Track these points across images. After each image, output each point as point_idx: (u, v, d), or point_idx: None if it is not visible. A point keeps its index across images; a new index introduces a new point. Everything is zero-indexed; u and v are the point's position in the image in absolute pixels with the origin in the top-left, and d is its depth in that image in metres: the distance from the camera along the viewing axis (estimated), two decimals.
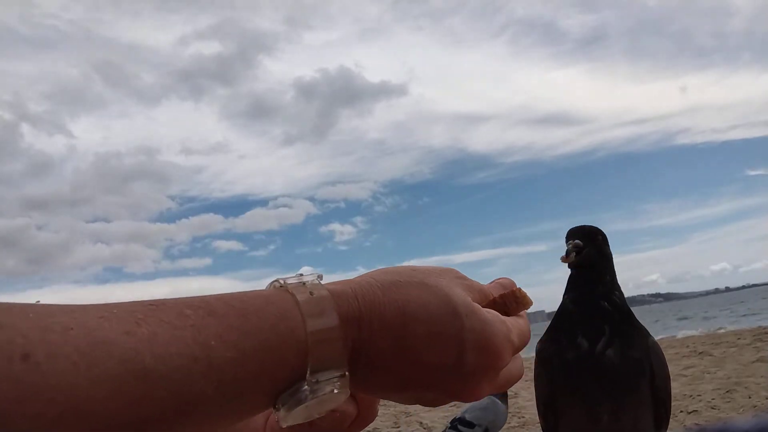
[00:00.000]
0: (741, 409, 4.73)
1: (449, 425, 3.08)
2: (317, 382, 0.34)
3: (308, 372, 0.34)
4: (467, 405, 3.89)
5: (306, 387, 0.34)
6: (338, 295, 0.36)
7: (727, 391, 5.44)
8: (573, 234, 1.28)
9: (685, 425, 4.50)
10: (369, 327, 0.36)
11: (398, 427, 6.76)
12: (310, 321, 0.34)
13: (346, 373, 0.35)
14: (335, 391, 0.35)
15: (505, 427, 5.74)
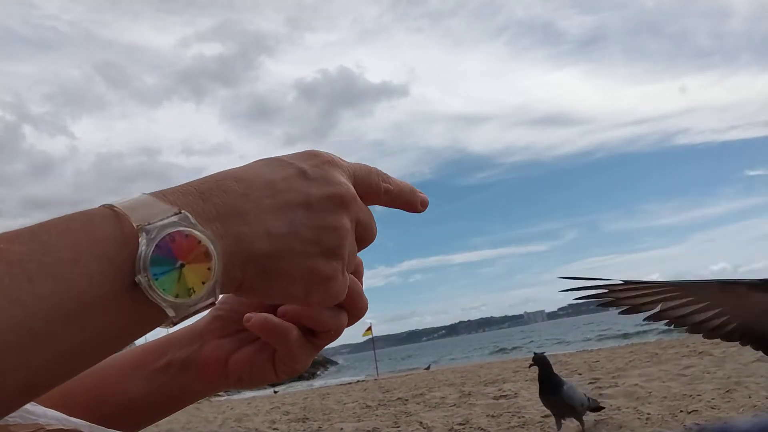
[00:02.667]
0: (741, 409, 4.73)
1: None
2: (149, 224, 0.32)
3: (134, 224, 0.32)
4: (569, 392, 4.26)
5: (143, 237, 0.32)
6: (151, 193, 0.36)
7: (727, 391, 5.44)
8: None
9: (685, 425, 4.50)
10: (198, 187, 0.36)
11: (398, 427, 6.77)
12: (113, 202, 0.34)
13: (183, 211, 0.34)
14: (181, 229, 0.33)
15: (505, 427, 5.75)
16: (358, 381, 20.73)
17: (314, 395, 14.37)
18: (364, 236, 0.43)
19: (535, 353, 5.13)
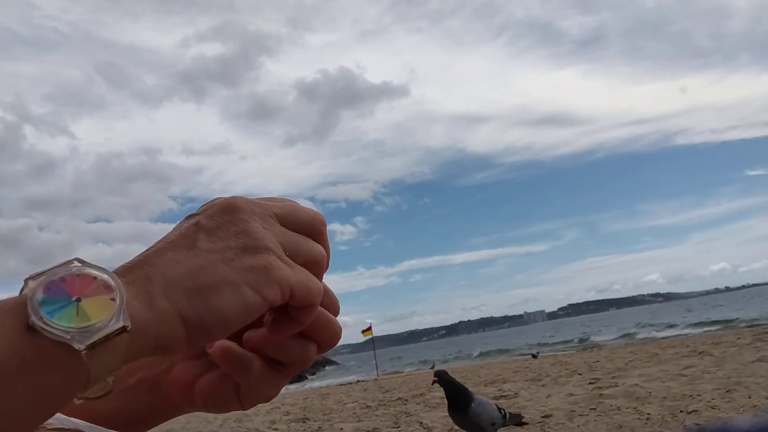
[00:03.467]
0: (741, 409, 4.73)
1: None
2: (39, 275, 0.32)
3: (28, 292, 0.32)
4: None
5: (31, 283, 0.32)
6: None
7: (727, 391, 5.44)
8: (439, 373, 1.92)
9: (685, 425, 4.50)
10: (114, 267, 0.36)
11: (398, 427, 6.77)
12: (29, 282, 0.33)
13: (74, 258, 0.34)
14: (72, 270, 0.33)
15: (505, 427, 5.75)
16: (358, 381, 20.72)
17: (314, 395, 14.37)
18: (295, 223, 0.41)
19: (436, 371, 4.61)
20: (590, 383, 7.62)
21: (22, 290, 0.33)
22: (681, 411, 4.98)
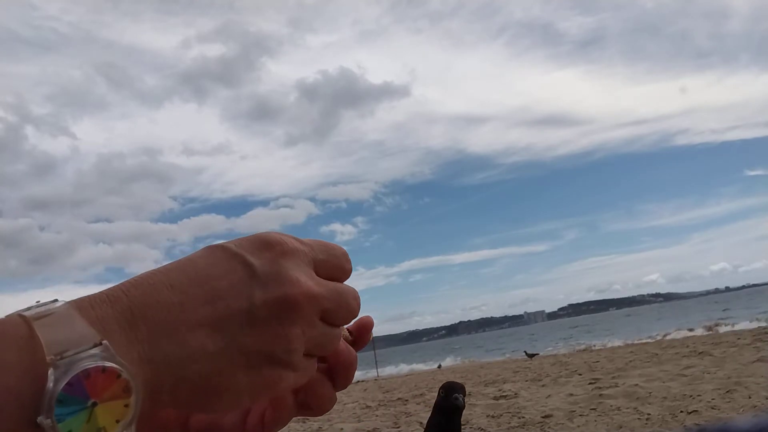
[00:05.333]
0: (741, 409, 4.73)
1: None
2: (62, 358, 0.30)
3: (46, 356, 0.29)
4: None
5: (51, 372, 0.29)
6: (77, 301, 0.33)
7: (727, 391, 5.45)
8: (457, 388, 1.94)
9: (685, 425, 4.50)
10: (129, 296, 0.33)
11: (398, 427, 6.78)
12: (32, 314, 0.31)
13: (104, 342, 0.31)
14: (99, 364, 0.30)
15: (505, 427, 5.75)
16: (358, 381, 20.75)
17: None
18: (336, 317, 0.39)
19: (448, 386, 2.58)
20: (590, 383, 7.62)
21: (31, 334, 0.30)
22: (681, 411, 4.98)
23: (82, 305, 0.32)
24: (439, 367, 23.07)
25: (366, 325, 0.43)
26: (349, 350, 0.42)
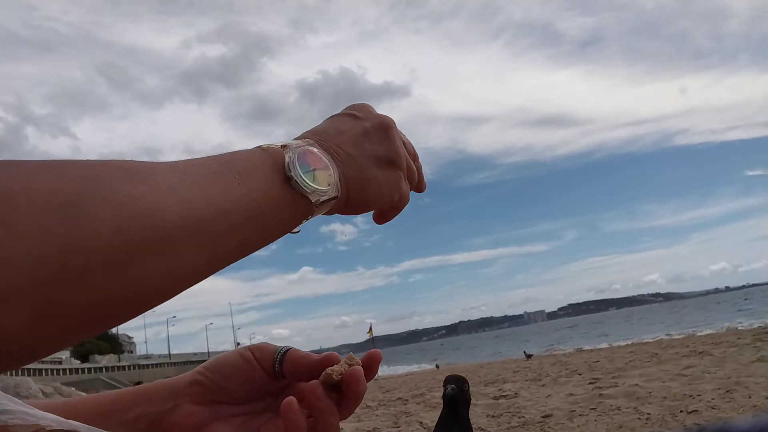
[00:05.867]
0: (741, 409, 4.73)
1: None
2: (289, 145, 0.47)
3: (278, 146, 0.46)
4: None
5: (287, 151, 0.46)
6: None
7: (727, 391, 5.45)
8: (450, 380, 1.98)
9: (685, 425, 4.50)
10: (317, 134, 0.51)
11: (398, 427, 6.78)
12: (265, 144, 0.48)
13: (308, 140, 0.49)
14: (309, 149, 0.47)
15: (505, 427, 5.76)
16: None
17: None
18: (410, 152, 0.57)
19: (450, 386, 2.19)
20: (590, 383, 7.62)
21: (262, 149, 0.46)
22: (681, 411, 4.98)
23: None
24: (437, 367, 23.04)
25: (375, 357, 0.52)
26: (361, 381, 0.48)
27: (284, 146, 0.46)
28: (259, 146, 0.47)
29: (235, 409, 0.50)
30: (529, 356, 17.36)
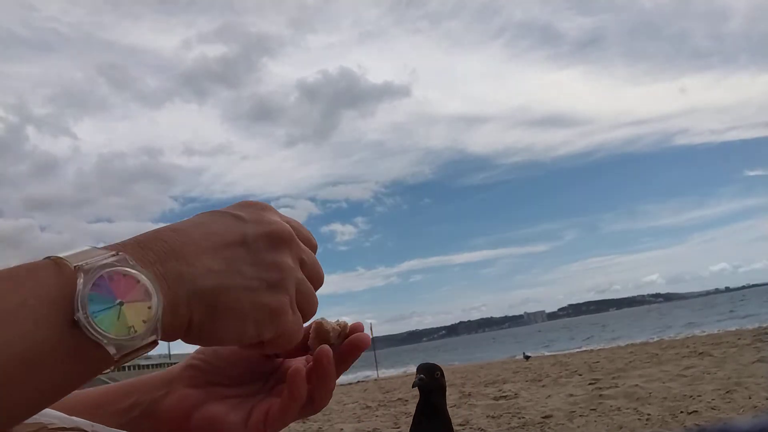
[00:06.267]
0: (741, 410, 4.73)
1: None
2: (87, 264, 0.34)
3: (72, 266, 0.34)
4: None
5: (80, 276, 0.33)
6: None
7: (727, 392, 5.44)
8: (420, 369, 1.99)
9: (685, 425, 4.50)
10: (136, 238, 0.38)
11: (398, 428, 6.77)
12: (61, 253, 0.35)
13: (120, 253, 0.35)
14: (119, 268, 0.34)
15: (505, 427, 5.75)
16: (358, 381, 20.73)
17: None
18: (311, 276, 0.43)
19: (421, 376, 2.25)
20: (590, 384, 7.62)
21: (56, 264, 0.34)
22: (681, 412, 4.98)
23: (95, 247, 0.37)
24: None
25: (360, 327, 0.49)
26: (363, 335, 0.48)
27: (78, 267, 0.34)
28: (51, 258, 0.35)
29: (229, 390, 0.49)
30: (527, 357, 17.36)
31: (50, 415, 0.43)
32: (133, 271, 0.35)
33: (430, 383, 1.96)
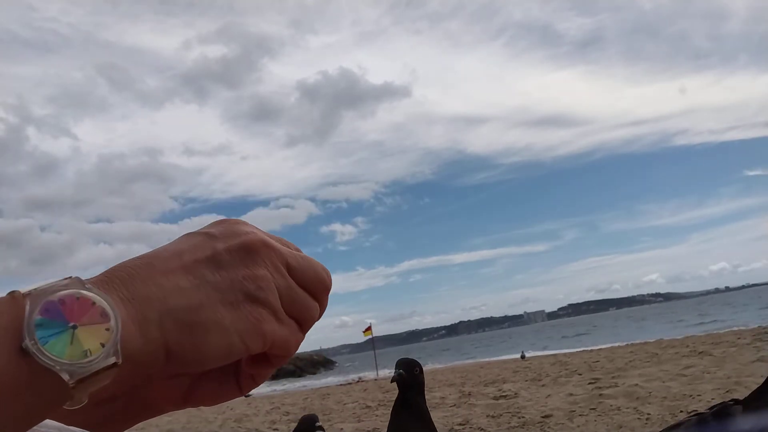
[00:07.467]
0: None
1: None
2: (36, 290, 0.33)
3: (22, 293, 0.32)
4: None
5: (28, 302, 0.32)
6: None
7: (727, 391, 5.44)
8: (399, 365, 1.99)
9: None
10: (103, 272, 0.36)
11: None
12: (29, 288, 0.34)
13: (73, 276, 0.34)
14: (71, 291, 0.33)
15: (505, 427, 5.75)
16: (358, 381, 20.74)
17: (314, 395, 14.37)
18: (304, 278, 0.41)
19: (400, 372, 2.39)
20: (590, 383, 7.62)
21: (13, 296, 0.33)
22: (681, 411, 4.98)
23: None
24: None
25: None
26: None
27: (26, 294, 0.32)
28: (11, 292, 0.33)
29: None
30: (523, 357, 17.40)
31: (49, 425, 0.43)
32: (88, 293, 0.33)
33: (408, 379, 1.95)
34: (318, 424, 2.20)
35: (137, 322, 0.34)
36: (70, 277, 0.34)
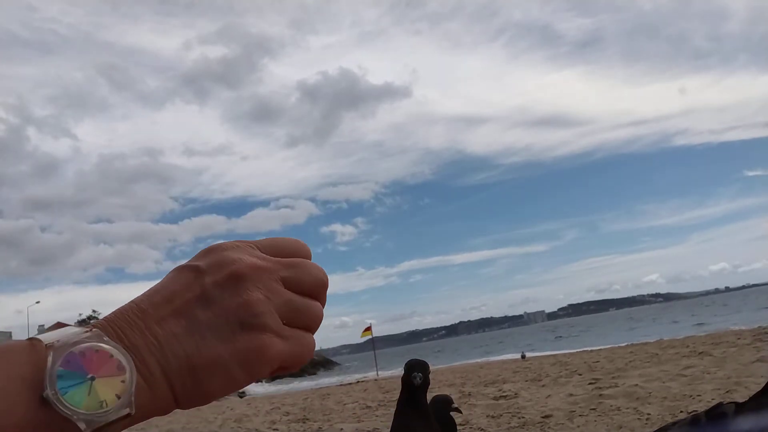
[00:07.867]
0: None
1: None
2: (58, 342, 0.35)
3: (44, 344, 0.35)
4: None
5: (50, 354, 0.34)
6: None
7: (727, 391, 5.44)
8: (416, 367, 2.00)
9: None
10: (105, 318, 0.38)
11: None
12: (42, 335, 0.36)
13: (94, 329, 0.36)
14: (91, 344, 0.35)
15: (505, 427, 5.75)
16: (358, 381, 20.74)
17: (314, 395, 14.37)
18: (302, 285, 0.41)
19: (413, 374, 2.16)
20: (590, 383, 7.62)
21: (32, 344, 0.35)
22: (681, 411, 4.98)
23: (71, 326, 0.37)
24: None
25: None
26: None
27: (49, 345, 0.34)
28: (29, 338, 0.36)
29: None
30: (523, 357, 17.40)
31: None
32: (107, 346, 0.35)
33: (426, 381, 2.00)
34: (454, 405, 2.07)
35: (143, 375, 0.36)
36: (90, 329, 0.36)
